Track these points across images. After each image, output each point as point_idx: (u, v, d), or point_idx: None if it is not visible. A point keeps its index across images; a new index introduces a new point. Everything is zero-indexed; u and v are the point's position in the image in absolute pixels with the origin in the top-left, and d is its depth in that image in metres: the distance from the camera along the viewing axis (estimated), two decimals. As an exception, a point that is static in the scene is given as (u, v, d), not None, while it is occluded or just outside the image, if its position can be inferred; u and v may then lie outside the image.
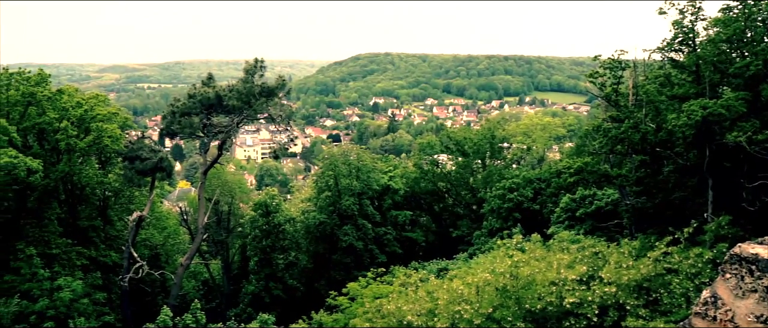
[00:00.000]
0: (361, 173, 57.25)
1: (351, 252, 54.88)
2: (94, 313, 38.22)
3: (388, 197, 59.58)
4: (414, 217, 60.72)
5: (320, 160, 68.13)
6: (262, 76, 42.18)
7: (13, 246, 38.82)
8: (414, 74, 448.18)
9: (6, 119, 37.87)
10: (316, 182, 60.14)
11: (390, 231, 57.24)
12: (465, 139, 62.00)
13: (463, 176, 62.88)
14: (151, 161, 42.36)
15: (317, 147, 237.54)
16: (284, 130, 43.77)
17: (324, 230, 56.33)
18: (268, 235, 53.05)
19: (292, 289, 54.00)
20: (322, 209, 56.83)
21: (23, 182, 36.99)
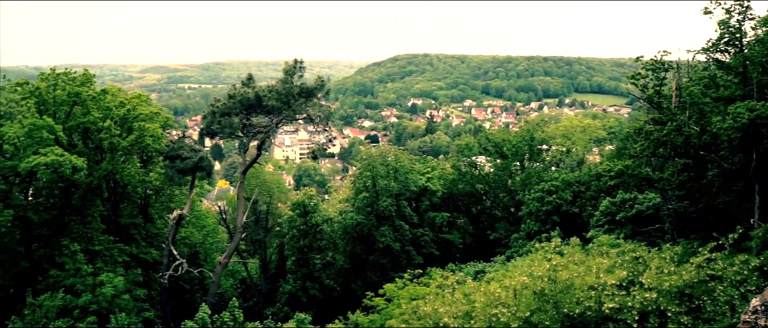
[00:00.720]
0: (398, 174, 57.23)
1: (388, 253, 54.87)
2: (135, 309, 38.83)
3: (425, 198, 59.46)
4: (451, 219, 60.49)
5: (358, 161, 68.17)
6: (301, 77, 42.38)
7: (58, 242, 39.72)
8: (452, 75, 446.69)
9: (52, 118, 38.73)
10: (354, 183, 60.27)
11: (427, 233, 57.11)
12: (503, 141, 61.58)
13: (501, 178, 62.44)
14: (192, 160, 42.86)
15: (355, 148, 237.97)
16: (323, 130, 43.90)
17: (361, 230, 56.44)
18: (306, 235, 53.33)
19: (328, 289, 54.22)
20: (360, 210, 56.95)
21: (68, 179, 37.77)
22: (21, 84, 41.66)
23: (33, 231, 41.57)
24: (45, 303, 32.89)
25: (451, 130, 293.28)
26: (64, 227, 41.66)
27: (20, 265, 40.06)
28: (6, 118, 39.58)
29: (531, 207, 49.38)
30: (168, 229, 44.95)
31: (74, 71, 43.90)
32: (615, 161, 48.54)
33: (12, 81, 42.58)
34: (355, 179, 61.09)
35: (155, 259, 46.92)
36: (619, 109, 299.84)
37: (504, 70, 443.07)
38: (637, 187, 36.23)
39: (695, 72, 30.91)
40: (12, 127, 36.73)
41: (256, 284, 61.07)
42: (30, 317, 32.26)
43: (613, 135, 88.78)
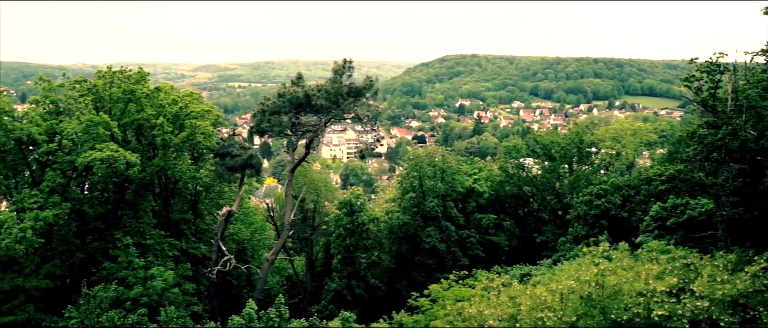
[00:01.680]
0: (445, 175, 57.07)
1: (433, 254, 54.76)
2: (184, 302, 39.54)
3: (472, 199, 59.19)
4: (498, 221, 60.11)
5: (405, 161, 68.20)
6: (350, 77, 42.54)
7: (112, 235, 40.76)
8: (500, 76, 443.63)
9: (108, 115, 39.75)
10: (401, 183, 60.28)
11: (473, 234, 56.84)
12: (552, 143, 60.90)
13: (549, 180, 61.76)
14: (241, 158, 43.45)
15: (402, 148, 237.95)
16: (371, 130, 44.01)
17: (407, 230, 56.46)
18: (352, 234, 53.56)
19: (373, 288, 54.38)
20: (406, 210, 56.96)
21: (122, 175, 38.73)
22: (79, 82, 42.85)
23: (88, 224, 42.78)
24: (99, 294, 33.79)
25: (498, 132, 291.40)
26: (118, 221, 42.71)
27: (76, 256, 41.27)
28: (65, 114, 40.74)
29: (579, 210, 48.78)
30: (217, 225, 45.66)
31: (129, 70, 44.91)
32: (666, 165, 47.74)
33: (71, 79, 43.83)
34: (401, 179, 61.08)
35: (204, 254, 47.70)
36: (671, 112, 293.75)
37: (553, 71, 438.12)
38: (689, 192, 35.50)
39: (753, 75, 30.03)
40: (70, 123, 37.81)
41: (302, 282, 61.61)
42: (84, 307, 33.18)
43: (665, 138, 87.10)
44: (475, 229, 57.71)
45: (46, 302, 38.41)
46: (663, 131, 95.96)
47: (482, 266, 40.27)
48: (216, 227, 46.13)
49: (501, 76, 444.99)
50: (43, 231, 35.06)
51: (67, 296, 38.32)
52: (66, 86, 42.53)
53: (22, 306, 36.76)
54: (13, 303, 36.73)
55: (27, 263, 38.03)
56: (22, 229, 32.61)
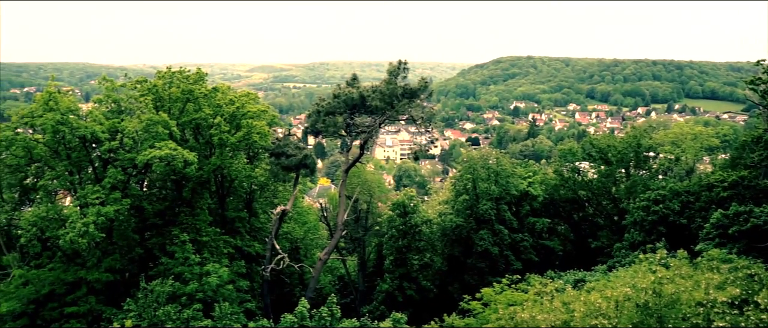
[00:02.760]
0: (499, 178, 56.58)
1: (486, 257, 54.36)
2: (237, 299, 40.12)
3: (526, 203, 58.59)
4: (552, 225, 59.29)
5: (459, 163, 67.93)
6: (404, 78, 42.46)
7: (169, 232, 41.66)
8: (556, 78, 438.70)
9: (167, 114, 40.66)
10: (454, 185, 60.01)
11: (526, 238, 56.22)
12: (608, 147, 59.75)
13: (605, 184, 60.63)
14: (296, 158, 43.86)
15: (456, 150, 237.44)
16: (425, 132, 43.86)
17: (460, 233, 56.19)
18: (405, 235, 53.56)
19: (425, 290, 54.27)
20: (459, 212, 56.69)
21: (180, 172, 39.50)
22: (140, 82, 43.99)
23: (147, 220, 43.83)
24: (156, 289, 34.56)
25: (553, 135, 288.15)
26: (175, 218, 43.62)
27: (135, 251, 42.32)
28: (126, 113, 41.77)
29: (635, 216, 47.75)
30: (271, 223, 46.22)
31: (188, 70, 45.83)
32: (729, 171, 46.30)
33: (132, 79, 44.98)
34: (455, 181, 60.79)
35: (258, 252, 48.34)
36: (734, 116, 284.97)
37: (610, 73, 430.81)
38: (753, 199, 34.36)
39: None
40: (131, 122, 38.74)
41: (354, 282, 61.89)
42: (142, 301, 33.98)
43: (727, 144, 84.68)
44: (528, 233, 57.08)
45: (107, 294, 39.51)
46: (725, 136, 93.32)
47: (535, 271, 39.82)
48: (270, 226, 46.69)
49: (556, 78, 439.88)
50: (104, 226, 36.01)
51: (126, 290, 39.40)
52: (127, 86, 43.63)
53: (84, 298, 37.92)
54: (76, 294, 37.92)
55: (89, 257, 39.17)
56: (85, 223, 33.55)
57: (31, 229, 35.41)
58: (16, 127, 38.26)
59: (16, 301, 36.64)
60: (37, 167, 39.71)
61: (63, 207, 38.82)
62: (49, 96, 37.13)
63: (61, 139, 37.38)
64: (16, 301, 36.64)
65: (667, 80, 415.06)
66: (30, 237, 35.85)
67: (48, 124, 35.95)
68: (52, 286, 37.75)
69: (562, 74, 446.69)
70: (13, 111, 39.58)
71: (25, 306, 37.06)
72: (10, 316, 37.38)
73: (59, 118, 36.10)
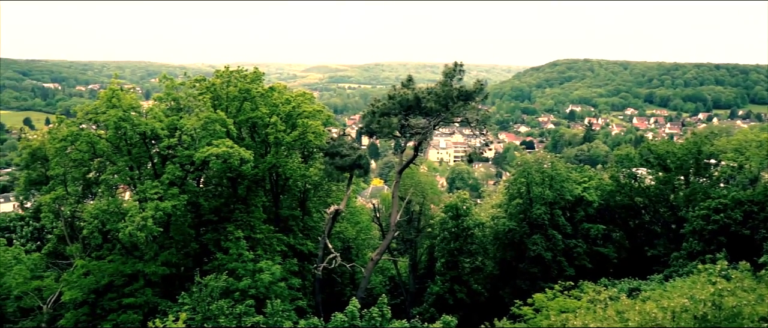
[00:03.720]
0: (554, 182, 55.80)
1: (538, 262, 53.69)
2: (289, 296, 40.49)
3: (580, 208, 57.64)
4: (606, 231, 58.17)
5: (513, 167, 67.31)
6: (460, 80, 42.20)
7: (224, 228, 42.38)
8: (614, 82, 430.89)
9: (225, 112, 41.38)
10: (508, 189, 59.45)
11: (580, 244, 55.31)
12: (667, 153, 58.27)
13: (662, 191, 59.15)
14: (350, 158, 44.09)
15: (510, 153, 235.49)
16: (479, 134, 43.59)
17: (512, 237, 55.63)
18: (457, 238, 53.33)
19: (476, 293, 53.93)
20: (512, 216, 56.14)
21: (236, 170, 40.17)
22: (199, 80, 44.93)
23: (203, 216, 44.68)
24: (210, 283, 35.16)
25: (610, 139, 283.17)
26: (230, 215, 44.34)
27: (191, 246, 43.20)
28: (185, 111, 42.66)
29: (695, 225, 46.55)
30: (324, 223, 46.57)
31: (245, 70, 46.54)
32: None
33: (191, 78, 45.93)
34: (509, 184, 60.24)
35: (310, 251, 48.74)
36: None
37: (670, 77, 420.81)
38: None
39: None
40: (190, 120, 39.57)
41: (405, 283, 61.87)
42: (197, 295, 34.61)
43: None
44: (582, 239, 56.13)
45: (162, 287, 40.47)
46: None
47: (589, 278, 39.09)
48: (323, 225, 47.05)
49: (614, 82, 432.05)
50: (162, 221, 36.89)
51: (181, 283, 40.27)
52: (186, 85, 44.58)
53: (141, 289, 38.90)
54: (133, 286, 38.94)
55: (147, 250, 40.18)
56: (143, 217, 34.43)
57: (93, 221, 36.52)
58: (80, 123, 39.57)
59: (78, 290, 37.81)
60: (99, 162, 40.97)
61: (123, 201, 39.91)
62: (112, 93, 38.20)
63: (122, 135, 38.43)
64: (78, 290, 37.81)
65: (731, 85, 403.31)
66: (92, 229, 37.00)
67: (111, 121, 37.00)
68: (112, 277, 38.83)
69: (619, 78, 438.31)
70: (79, 108, 40.89)
71: (86, 295, 38.21)
72: (73, 304, 38.66)
73: (121, 115, 37.12)
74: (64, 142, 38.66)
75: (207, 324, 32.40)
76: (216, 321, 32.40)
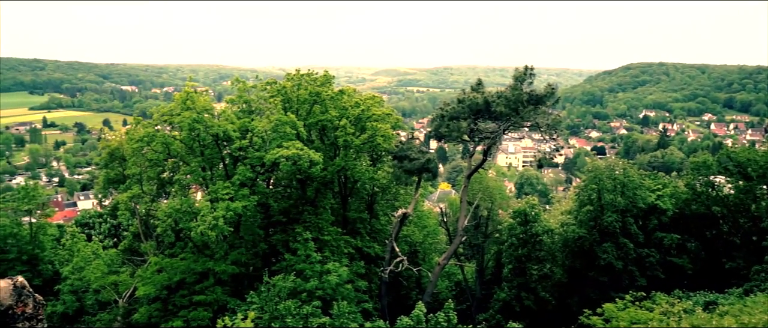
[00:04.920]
0: (626, 189, 54.40)
1: (609, 271, 52.41)
2: (355, 299, 40.57)
3: (653, 217, 55.98)
4: (681, 241, 56.29)
5: (583, 173, 65.92)
6: (530, 84, 41.66)
7: (293, 229, 42.89)
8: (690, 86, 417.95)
9: (295, 115, 41.88)
10: (578, 195, 58.26)
11: (653, 254, 53.69)
12: (748, 161, 55.95)
13: (743, 201, 56.84)
14: (419, 162, 44.00)
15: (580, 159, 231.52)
16: (550, 139, 42.86)
17: (582, 245, 54.51)
18: (525, 244, 52.62)
19: (543, 301, 53.04)
20: (582, 223, 55.02)
21: (305, 172, 40.58)
22: (270, 83, 45.65)
23: (272, 217, 45.34)
24: (278, 283, 35.62)
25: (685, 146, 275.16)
26: (299, 216, 44.86)
27: (260, 247, 43.86)
28: (256, 113, 43.39)
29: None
30: (392, 226, 46.65)
31: (315, 73, 47.03)
32: None
33: (263, 80, 46.72)
34: (579, 190, 59.01)
35: (377, 254, 48.86)
36: None
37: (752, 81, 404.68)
38: None
39: None
40: (261, 122, 40.22)
41: (471, 289, 61.40)
42: (265, 295, 35.11)
43: None
44: (655, 248, 54.48)
45: (232, 286, 41.21)
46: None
47: (661, 289, 37.89)
48: (391, 228, 47.12)
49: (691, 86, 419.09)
50: (232, 221, 37.55)
51: (249, 283, 40.96)
52: (258, 87, 45.32)
53: (211, 287, 39.68)
54: (204, 284, 39.77)
55: (217, 249, 41.00)
56: (215, 217, 35.08)
57: (167, 220, 37.46)
58: (156, 124, 40.74)
59: (151, 286, 38.86)
60: (173, 162, 42.08)
61: (195, 201, 40.86)
62: (187, 96, 39.17)
63: (196, 136, 39.33)
64: (151, 286, 38.86)
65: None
66: (165, 228, 37.97)
67: (185, 122, 37.92)
68: (183, 274, 39.74)
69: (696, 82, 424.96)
70: (154, 109, 42.10)
71: (159, 291, 39.23)
72: (146, 299, 39.78)
73: (195, 117, 37.99)
74: (140, 143, 39.85)
75: (274, 324, 32.81)
76: (283, 321, 32.77)
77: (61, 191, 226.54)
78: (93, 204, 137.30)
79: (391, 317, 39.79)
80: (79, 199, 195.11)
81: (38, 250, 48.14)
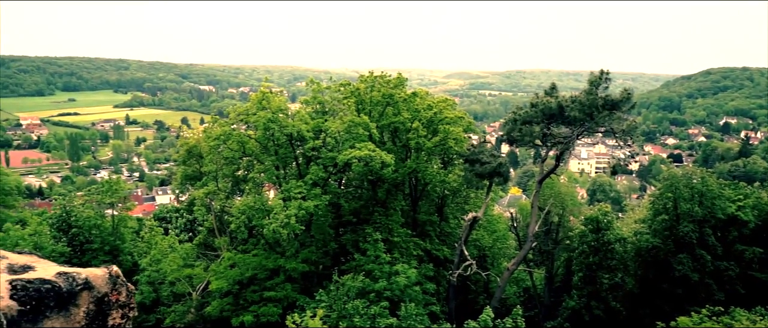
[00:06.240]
0: (704, 199, 52.71)
1: (683, 283, 50.83)
2: (423, 301, 40.60)
3: (733, 228, 54.03)
4: (764, 255, 54.18)
5: (659, 181, 64.10)
6: (605, 89, 40.96)
7: (363, 230, 43.34)
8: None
9: (368, 117, 42.34)
10: (653, 204, 56.75)
11: (732, 267, 51.79)
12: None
13: (834, 214, 54.36)
14: (491, 166, 43.77)
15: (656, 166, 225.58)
16: (625, 145, 41.98)
17: (656, 255, 53.07)
18: (596, 252, 51.61)
19: (614, 311, 51.88)
20: (657, 233, 53.57)
21: (377, 173, 41.02)
22: (344, 85, 46.27)
23: (342, 217, 45.96)
24: (347, 283, 36.09)
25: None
26: (369, 217, 45.29)
27: (330, 246, 44.51)
28: (330, 114, 44.05)
29: None
30: (461, 229, 46.57)
31: (388, 75, 47.36)
32: None
33: (336, 82, 47.40)
34: (654, 199, 57.47)
35: (446, 256, 48.85)
36: None
37: None
38: None
39: None
40: (334, 123, 40.82)
41: (540, 296, 60.66)
42: (334, 293, 35.62)
43: None
44: (735, 261, 52.54)
45: (301, 283, 41.94)
46: None
47: (741, 305, 36.55)
48: (460, 232, 47.06)
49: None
50: (304, 219, 38.20)
51: (319, 281, 41.62)
52: (332, 88, 46.00)
53: (281, 284, 40.46)
54: (274, 280, 40.60)
55: (288, 247, 41.80)
56: (287, 215, 35.80)
57: (241, 217, 38.42)
58: (232, 123, 41.87)
59: (224, 280, 39.94)
60: (248, 161, 43.18)
61: (268, 199, 41.77)
62: (263, 96, 40.14)
63: (270, 135, 40.24)
64: (224, 280, 39.94)
65: None
66: (239, 224, 38.93)
67: (260, 122, 38.86)
68: (255, 270, 40.67)
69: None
70: (231, 109, 43.28)
71: (231, 286, 40.26)
72: (219, 293, 40.90)
73: (270, 117, 38.89)
74: (217, 141, 41.03)
75: (342, 323, 33.21)
76: (351, 320, 33.15)
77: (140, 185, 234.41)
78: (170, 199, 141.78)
79: (458, 320, 39.76)
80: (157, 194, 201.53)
81: (119, 241, 50.05)
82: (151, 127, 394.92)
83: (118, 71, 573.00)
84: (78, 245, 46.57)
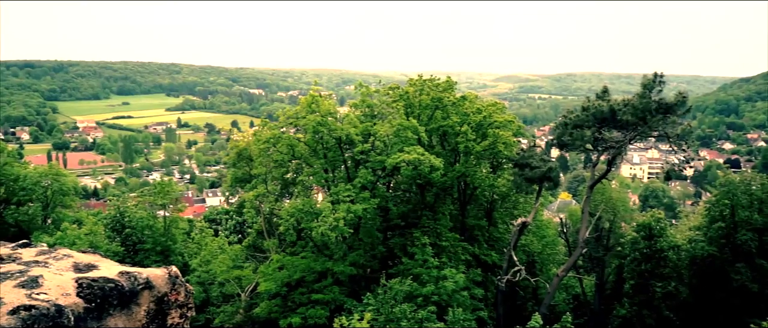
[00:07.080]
0: (764, 206, 51.04)
1: (742, 294, 49.22)
2: (471, 306, 40.40)
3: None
4: (829, 267, 52.24)
5: (715, 187, 62.43)
6: (659, 92, 40.05)
7: (411, 234, 43.26)
8: None
9: (417, 120, 42.25)
10: (709, 210, 55.24)
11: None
12: None
13: None
14: (540, 170, 43.21)
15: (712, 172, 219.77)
16: (679, 150, 40.97)
17: (712, 263, 51.60)
18: (649, 259, 50.50)
19: (666, 321, 50.64)
20: (713, 241, 52.10)
21: (425, 177, 40.87)
22: (392, 88, 46.32)
23: (390, 221, 45.98)
24: (395, 287, 36.02)
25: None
26: (417, 221, 45.20)
27: (378, 249, 44.54)
28: (379, 118, 44.12)
29: None
30: (510, 234, 46.08)
31: (437, 78, 47.23)
32: None
33: (385, 85, 47.47)
34: (709, 206, 55.94)
35: (494, 262, 48.42)
36: None
37: None
38: None
39: None
40: (383, 126, 40.84)
41: (589, 303, 59.65)
42: (381, 297, 35.57)
43: None
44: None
45: (349, 286, 42.04)
46: None
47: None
48: (509, 237, 46.60)
49: None
50: (352, 223, 38.28)
51: (366, 284, 41.63)
52: (380, 92, 46.09)
53: (329, 287, 40.65)
54: (322, 283, 40.81)
55: (336, 250, 41.99)
56: (335, 219, 35.94)
57: (290, 219, 38.72)
58: (282, 126, 42.27)
59: (272, 282, 40.30)
60: (297, 164, 43.51)
61: (317, 202, 42.01)
62: (312, 99, 40.40)
63: (319, 139, 40.52)
64: (272, 282, 40.30)
65: None
66: (288, 226, 39.27)
67: (309, 125, 39.11)
68: (303, 273, 40.94)
69: None
70: (281, 112, 43.74)
71: (279, 288, 40.62)
72: (267, 295, 41.31)
73: (319, 120, 39.10)
74: (266, 144, 41.45)
75: (389, 326, 33.14)
76: (398, 324, 33.05)
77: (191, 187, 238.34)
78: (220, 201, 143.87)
79: (506, 327, 39.31)
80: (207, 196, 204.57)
81: (170, 242, 50.96)
82: (202, 130, 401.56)
83: (171, 75, 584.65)
84: (131, 244, 47.57)
